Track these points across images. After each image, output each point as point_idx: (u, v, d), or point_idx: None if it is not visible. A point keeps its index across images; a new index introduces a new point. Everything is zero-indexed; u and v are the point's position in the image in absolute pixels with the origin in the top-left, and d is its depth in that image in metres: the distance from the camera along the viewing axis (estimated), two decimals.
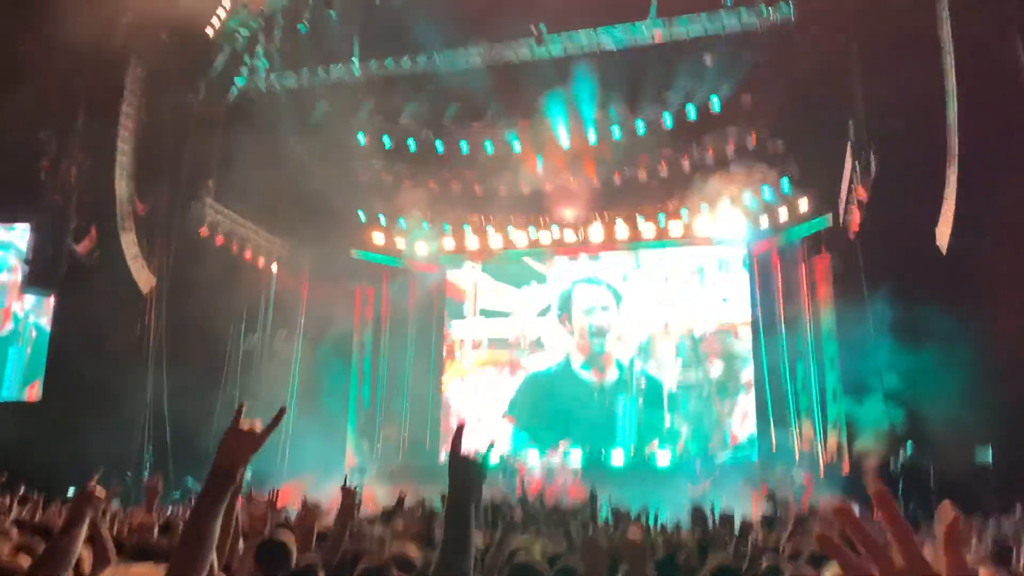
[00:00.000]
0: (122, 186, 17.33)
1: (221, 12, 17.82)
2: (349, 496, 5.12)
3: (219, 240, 19.46)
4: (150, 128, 17.78)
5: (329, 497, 13.84)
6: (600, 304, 23.86)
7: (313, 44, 18.57)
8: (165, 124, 18.02)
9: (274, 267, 21.63)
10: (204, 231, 18.99)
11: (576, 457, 20.49)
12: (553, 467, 20.13)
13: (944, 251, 15.72)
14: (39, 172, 17.27)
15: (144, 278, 18.12)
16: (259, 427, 2.27)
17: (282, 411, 2.35)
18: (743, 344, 22.68)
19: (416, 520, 7.32)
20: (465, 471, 2.23)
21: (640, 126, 20.75)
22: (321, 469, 19.38)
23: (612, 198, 22.81)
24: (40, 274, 18.83)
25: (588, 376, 23.46)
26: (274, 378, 21.08)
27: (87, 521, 3.19)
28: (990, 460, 15.69)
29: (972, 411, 15.34)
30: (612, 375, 23.28)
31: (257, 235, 20.87)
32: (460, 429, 2.30)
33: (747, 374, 22.47)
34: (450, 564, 2.16)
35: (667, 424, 22.55)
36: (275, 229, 21.56)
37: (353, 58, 18.82)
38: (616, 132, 21.08)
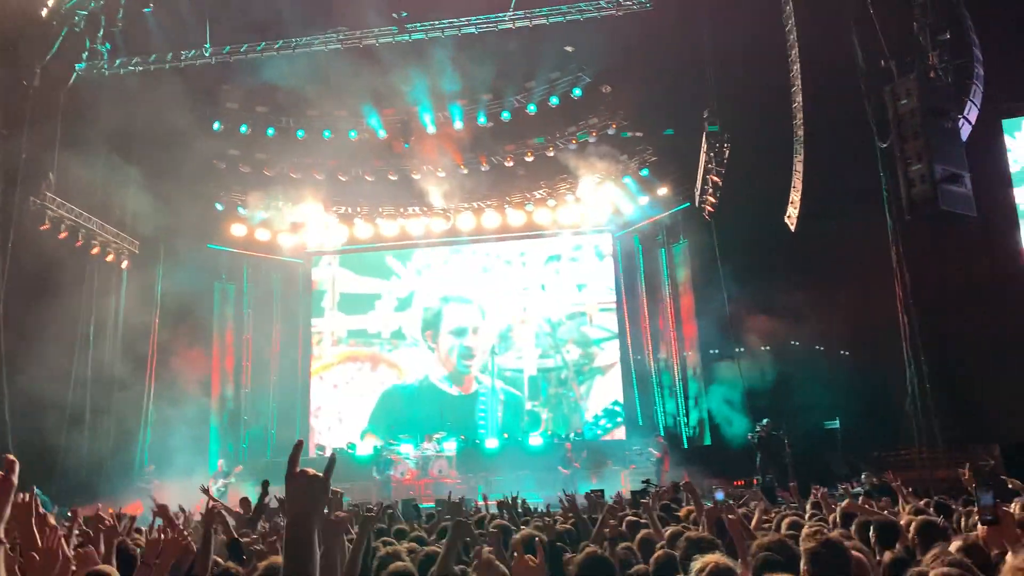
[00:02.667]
0: None
1: None
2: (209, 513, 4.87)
3: (62, 236, 18.14)
4: None
5: (193, 502, 13.27)
6: (471, 326, 23.90)
7: (161, 27, 17.55)
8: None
9: (124, 263, 20.35)
10: (45, 227, 17.66)
11: (451, 446, 20.52)
12: (429, 457, 20.06)
13: (793, 232, 16.66)
14: None
15: None
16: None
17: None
18: (598, 329, 23.30)
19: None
20: (304, 491, 2.05)
21: (505, 114, 20.82)
22: (184, 473, 18.56)
23: (480, 186, 22.86)
24: None
25: (449, 389, 23.53)
26: (130, 381, 19.91)
27: None
28: (837, 426, 16.79)
29: (822, 384, 16.38)
30: (472, 388, 23.48)
31: (104, 231, 19.57)
32: (297, 449, 2.14)
33: (603, 357, 23.13)
34: None
35: (527, 407, 22.98)
36: (124, 223, 20.29)
37: (206, 44, 17.92)
38: (482, 119, 21.07)
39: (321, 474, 2.07)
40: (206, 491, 5.36)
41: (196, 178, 20.42)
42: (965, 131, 14.20)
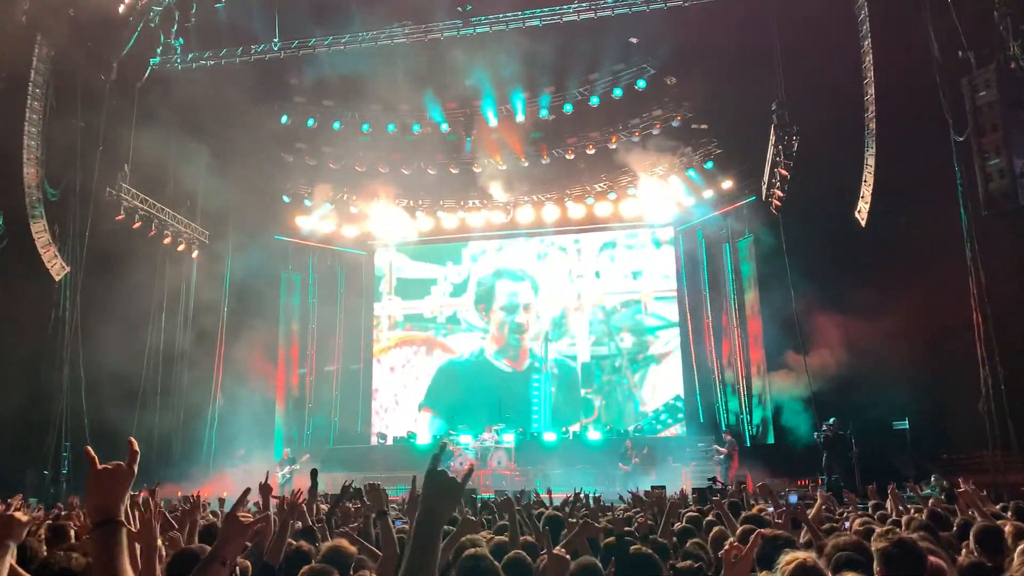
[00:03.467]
0: (31, 172, 16.47)
1: None
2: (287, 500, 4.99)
3: (136, 226, 18.72)
4: (60, 111, 16.89)
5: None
6: (522, 302, 23.99)
7: (232, 23, 17.92)
8: (76, 106, 17.15)
9: (195, 253, 20.94)
10: (120, 217, 18.24)
11: (509, 438, 20.62)
12: (488, 448, 20.18)
13: (863, 228, 16.24)
14: None
15: (56, 266, 17.31)
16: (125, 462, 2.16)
17: (131, 443, 2.24)
18: (653, 317, 23.15)
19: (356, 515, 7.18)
20: (442, 488, 2.12)
21: (568, 107, 20.73)
22: (249, 459, 19.02)
23: (541, 178, 22.84)
24: None
25: (502, 364, 23.63)
26: (199, 367, 20.49)
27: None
28: (906, 426, 16.36)
29: (890, 384, 15.95)
30: (525, 363, 23.53)
31: (176, 220, 20.14)
32: (441, 448, 2.21)
33: (658, 346, 22.98)
34: None
35: (581, 393, 22.92)
36: (195, 214, 20.86)
37: (275, 38, 18.24)
38: (544, 111, 21.03)
39: (459, 479, 2.16)
40: (268, 488, 5.53)
41: (264, 171, 20.90)
42: None
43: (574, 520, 5.97)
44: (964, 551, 4.65)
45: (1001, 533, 4.58)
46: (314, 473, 7.51)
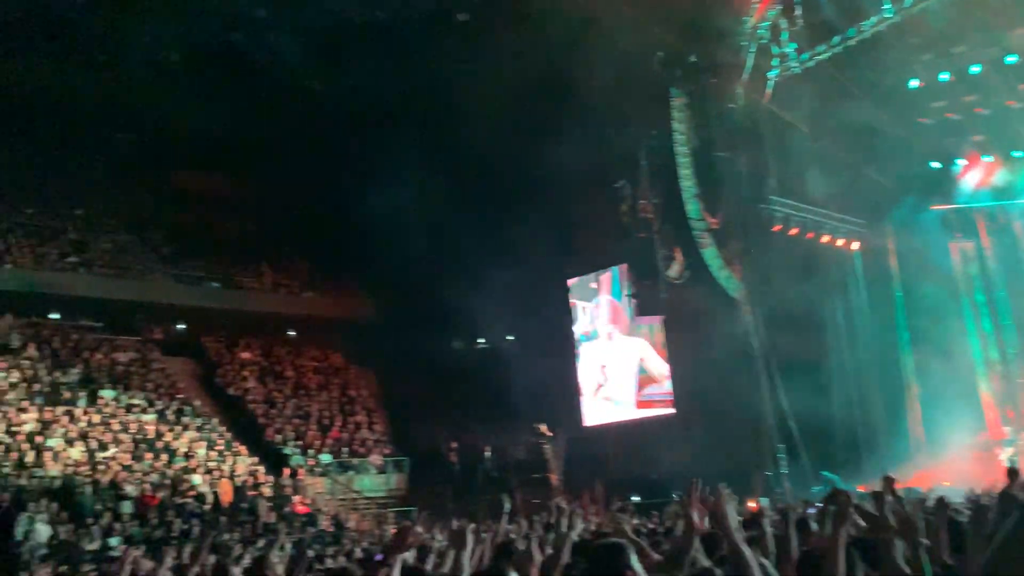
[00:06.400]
0: (691, 208, 18.62)
1: (740, 17, 18.14)
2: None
3: (793, 232, 19.59)
4: (702, 147, 18.82)
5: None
6: None
7: (837, 8, 17.61)
8: (714, 139, 18.92)
9: (855, 245, 21.03)
10: (777, 228, 19.31)
11: None
12: None
13: None
14: (622, 217, 19.60)
15: (733, 285, 19.13)
16: None
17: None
18: None
19: None
20: None
21: None
22: (952, 441, 17.90)
23: None
24: (647, 303, 21.54)
25: None
26: (886, 356, 20.30)
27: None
28: None
29: None
30: None
31: (830, 218, 20.51)
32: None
33: None
34: None
35: None
36: (846, 207, 20.85)
37: (884, 4, 17.25)
38: None
39: None
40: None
41: (904, 142, 19.79)
42: None
43: None
44: None
45: None
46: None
